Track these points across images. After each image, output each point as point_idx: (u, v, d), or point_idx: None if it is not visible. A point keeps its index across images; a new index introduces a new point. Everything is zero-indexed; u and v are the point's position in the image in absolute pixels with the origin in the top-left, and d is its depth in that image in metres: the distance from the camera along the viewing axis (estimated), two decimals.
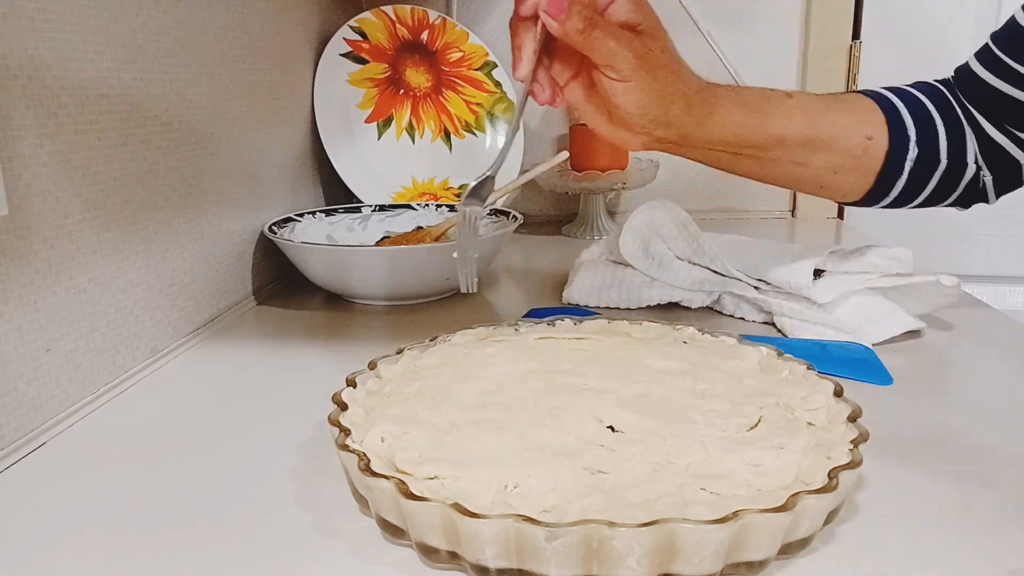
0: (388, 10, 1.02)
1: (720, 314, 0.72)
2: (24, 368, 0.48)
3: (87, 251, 0.53)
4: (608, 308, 0.74)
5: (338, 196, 1.04)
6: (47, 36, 0.49)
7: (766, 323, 0.69)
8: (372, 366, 0.49)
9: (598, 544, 0.32)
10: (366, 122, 1.05)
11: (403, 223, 0.91)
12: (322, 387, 0.49)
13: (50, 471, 0.46)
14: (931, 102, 0.63)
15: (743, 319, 0.70)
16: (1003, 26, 0.60)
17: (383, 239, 0.89)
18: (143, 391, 0.57)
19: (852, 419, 0.41)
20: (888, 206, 0.65)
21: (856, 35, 1.18)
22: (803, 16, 1.18)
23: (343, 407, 0.43)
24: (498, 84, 1.06)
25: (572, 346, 0.53)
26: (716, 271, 0.73)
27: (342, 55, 1.02)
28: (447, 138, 1.08)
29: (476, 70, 1.06)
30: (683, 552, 0.32)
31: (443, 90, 1.07)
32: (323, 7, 1.01)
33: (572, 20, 0.47)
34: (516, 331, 0.56)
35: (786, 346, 0.52)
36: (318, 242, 0.83)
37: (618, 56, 0.49)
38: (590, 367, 0.49)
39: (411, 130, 1.08)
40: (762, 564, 0.34)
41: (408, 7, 1.02)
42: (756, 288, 0.70)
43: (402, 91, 1.07)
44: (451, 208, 0.92)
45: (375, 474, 0.35)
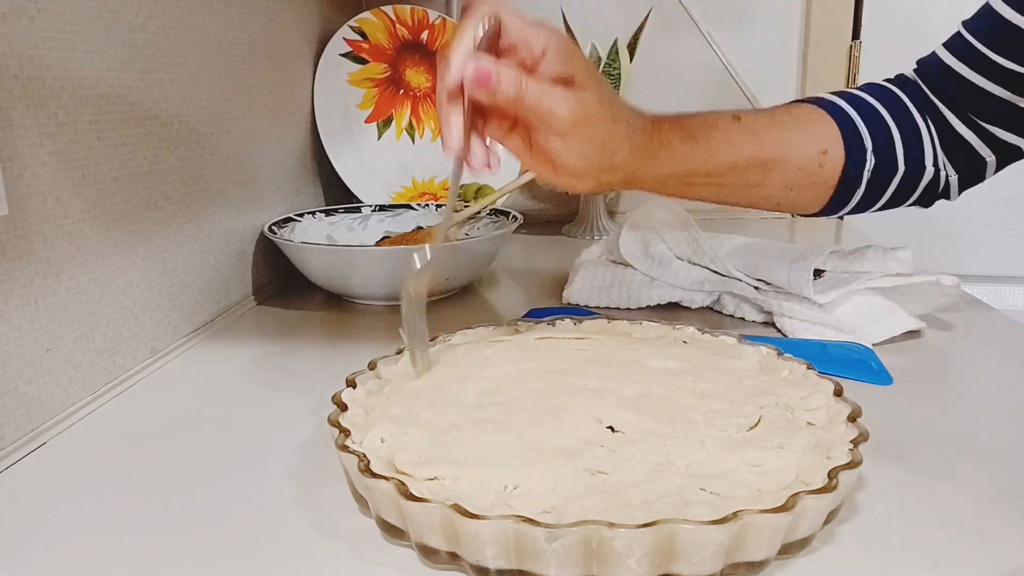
0: (388, 10, 1.02)
1: (720, 314, 0.72)
2: (24, 368, 0.48)
3: (87, 251, 0.53)
4: (608, 308, 0.74)
5: (338, 196, 1.04)
6: (47, 36, 0.49)
7: (766, 323, 0.69)
8: (372, 366, 0.49)
9: (598, 545, 0.32)
10: (366, 122, 1.05)
11: (403, 223, 0.91)
12: (322, 387, 0.49)
13: (50, 471, 0.46)
14: (884, 107, 0.62)
15: (743, 319, 0.70)
16: (977, 15, 0.59)
17: (383, 239, 0.89)
18: (143, 391, 0.57)
19: (852, 419, 0.41)
20: (848, 213, 0.65)
21: (856, 35, 1.18)
22: (803, 16, 1.18)
23: (343, 407, 0.43)
24: None
25: (572, 346, 0.53)
26: (716, 271, 0.73)
27: (342, 55, 1.02)
28: None
29: None
30: (683, 552, 0.32)
31: None
32: (323, 7, 1.01)
33: (502, 87, 0.45)
34: (516, 331, 0.56)
35: (786, 346, 0.52)
36: (318, 242, 0.83)
37: (553, 116, 0.47)
38: (590, 367, 0.49)
39: (411, 130, 1.08)
40: (762, 564, 0.34)
41: (408, 7, 1.02)
42: (756, 288, 0.70)
43: (402, 91, 1.07)
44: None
45: (375, 475, 0.35)
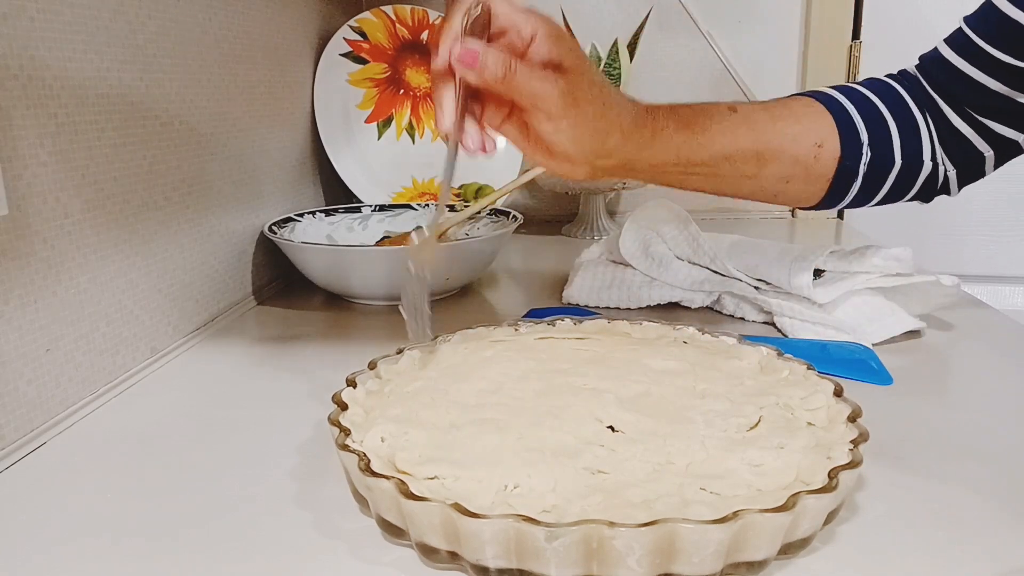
0: (388, 10, 1.02)
1: (720, 314, 0.72)
2: (24, 368, 0.48)
3: (87, 251, 0.53)
4: (608, 308, 0.74)
5: (338, 196, 1.04)
6: (47, 36, 0.49)
7: (766, 323, 0.69)
8: (372, 366, 0.49)
9: (598, 544, 0.32)
10: (366, 122, 1.05)
11: (403, 223, 0.91)
12: (322, 387, 0.49)
13: (50, 471, 0.46)
14: (882, 101, 0.62)
15: (743, 319, 0.70)
16: (979, 10, 0.59)
17: (383, 239, 0.89)
18: (143, 391, 0.57)
19: (852, 419, 0.41)
20: (846, 207, 0.65)
21: (856, 35, 1.18)
22: (803, 16, 1.18)
23: (343, 407, 0.43)
24: None
25: (572, 346, 0.53)
26: (716, 271, 0.73)
27: (342, 55, 1.02)
28: (447, 138, 1.08)
29: None
30: (683, 552, 0.32)
31: None
32: (323, 7, 1.01)
33: (489, 68, 0.46)
34: (516, 331, 0.56)
35: (786, 346, 0.52)
36: (318, 242, 0.83)
37: (543, 97, 0.48)
38: (590, 367, 0.49)
39: (411, 130, 1.08)
40: (762, 564, 0.34)
41: (408, 7, 1.02)
42: (756, 288, 0.70)
43: (402, 91, 1.07)
44: (451, 208, 0.92)
45: (375, 474, 0.35)
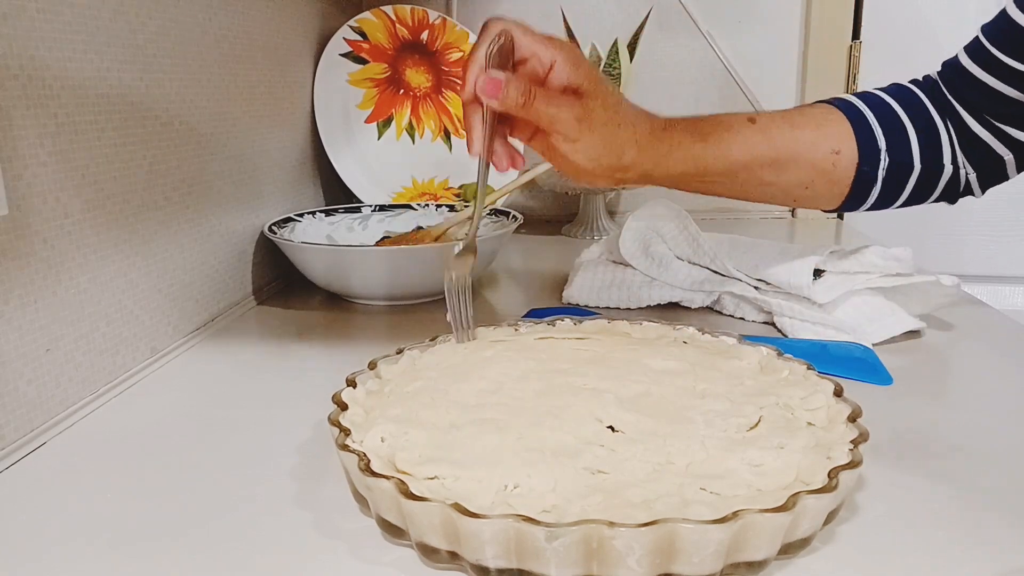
0: (388, 10, 1.02)
1: (720, 314, 0.72)
2: (24, 368, 0.48)
3: (87, 251, 0.53)
4: (608, 308, 0.74)
5: (338, 196, 1.04)
6: (47, 36, 0.49)
7: (766, 323, 0.69)
8: (372, 366, 0.49)
9: (598, 544, 0.32)
10: (366, 122, 1.05)
11: (403, 223, 0.91)
12: (322, 387, 0.49)
13: (50, 471, 0.46)
14: (900, 106, 0.63)
15: (743, 319, 0.70)
16: (994, 19, 0.60)
17: (383, 239, 0.89)
18: (143, 391, 0.57)
19: (852, 419, 0.41)
20: (868, 210, 0.66)
21: (856, 35, 1.18)
22: (803, 16, 1.19)
23: (343, 407, 0.43)
24: None
25: (572, 346, 0.53)
26: (716, 271, 0.73)
27: (342, 55, 1.02)
28: (447, 138, 1.08)
29: None
30: (683, 552, 0.32)
31: (443, 90, 1.07)
32: (323, 7, 1.01)
33: (510, 96, 0.50)
34: (516, 331, 0.56)
35: (786, 346, 0.52)
36: (318, 242, 0.83)
37: (560, 121, 0.52)
38: (590, 367, 0.49)
39: (411, 130, 1.08)
40: (762, 564, 0.34)
41: (408, 7, 1.02)
42: (756, 288, 0.70)
43: (402, 91, 1.07)
44: (451, 208, 0.92)
45: (375, 474, 0.35)
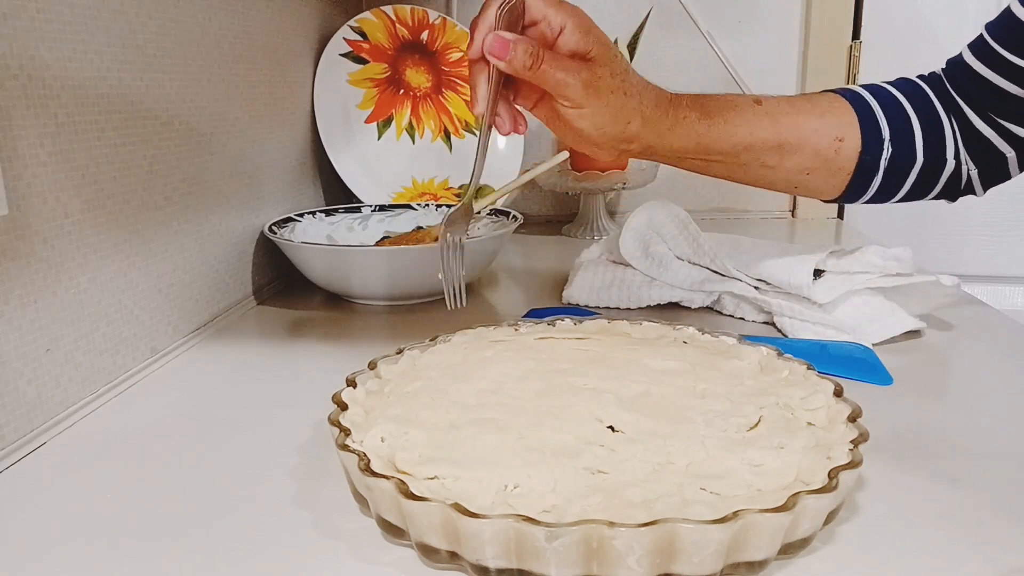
0: (388, 10, 1.02)
1: (720, 314, 0.72)
2: (24, 368, 0.48)
3: (87, 251, 0.53)
4: (608, 308, 0.74)
5: (338, 196, 1.04)
6: (47, 36, 0.49)
7: (766, 323, 0.69)
8: (372, 366, 0.49)
9: (598, 544, 0.32)
10: (366, 122, 1.05)
11: (403, 223, 0.91)
12: (322, 387, 0.49)
13: (50, 471, 0.46)
14: (906, 99, 0.63)
15: (743, 319, 0.70)
16: (998, 17, 0.60)
17: (383, 239, 0.89)
18: (143, 391, 0.57)
19: (852, 419, 0.41)
20: (868, 202, 0.66)
21: (856, 35, 1.18)
22: (803, 16, 1.19)
23: (343, 407, 0.43)
24: None
25: (572, 346, 0.53)
26: (716, 271, 0.73)
27: (342, 55, 1.02)
28: (447, 138, 1.08)
29: None
30: (683, 552, 0.32)
31: (443, 90, 1.07)
32: (323, 7, 1.01)
33: (518, 58, 0.49)
34: (516, 331, 0.56)
35: (786, 346, 0.52)
36: (318, 242, 0.82)
37: (567, 86, 0.51)
38: (590, 367, 0.49)
39: (411, 130, 1.08)
40: (762, 564, 0.34)
41: (408, 7, 1.02)
42: (756, 288, 0.70)
43: (402, 91, 1.07)
44: (451, 208, 0.92)
45: (375, 474, 0.35)
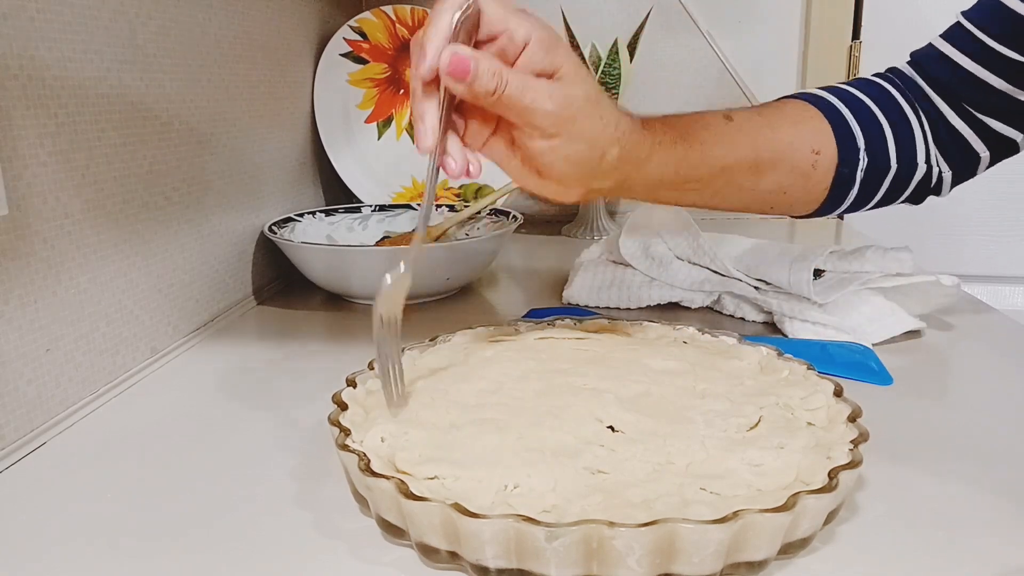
0: (388, 10, 1.02)
1: (720, 314, 0.72)
2: (24, 368, 0.48)
3: (87, 251, 0.53)
4: (608, 308, 0.74)
5: (338, 196, 1.04)
6: (47, 36, 0.49)
7: (766, 323, 0.69)
8: (372, 366, 0.49)
9: (598, 544, 0.32)
10: (366, 122, 1.05)
11: (403, 223, 0.91)
12: (322, 387, 0.49)
13: (50, 471, 0.46)
14: (875, 104, 0.61)
15: (743, 319, 0.70)
16: (976, 5, 0.59)
17: (383, 239, 0.89)
18: (143, 391, 0.57)
19: (852, 419, 0.41)
20: (840, 214, 0.64)
21: (856, 35, 1.18)
22: (803, 16, 1.19)
23: (343, 407, 0.43)
24: None
25: (572, 346, 0.53)
26: (716, 271, 0.73)
27: (342, 55, 1.02)
28: None
29: None
30: (683, 552, 0.32)
31: None
32: (323, 7, 1.01)
33: (479, 81, 0.41)
34: (516, 331, 0.56)
35: (786, 346, 0.52)
36: (318, 242, 0.82)
37: (537, 113, 0.43)
38: (590, 367, 0.49)
39: (411, 130, 1.08)
40: (762, 564, 0.34)
41: (408, 7, 1.02)
42: (756, 288, 0.70)
43: (402, 91, 1.07)
44: (451, 208, 0.92)
45: (375, 474, 0.35)
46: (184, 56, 0.65)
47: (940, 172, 0.62)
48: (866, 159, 0.60)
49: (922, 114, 0.62)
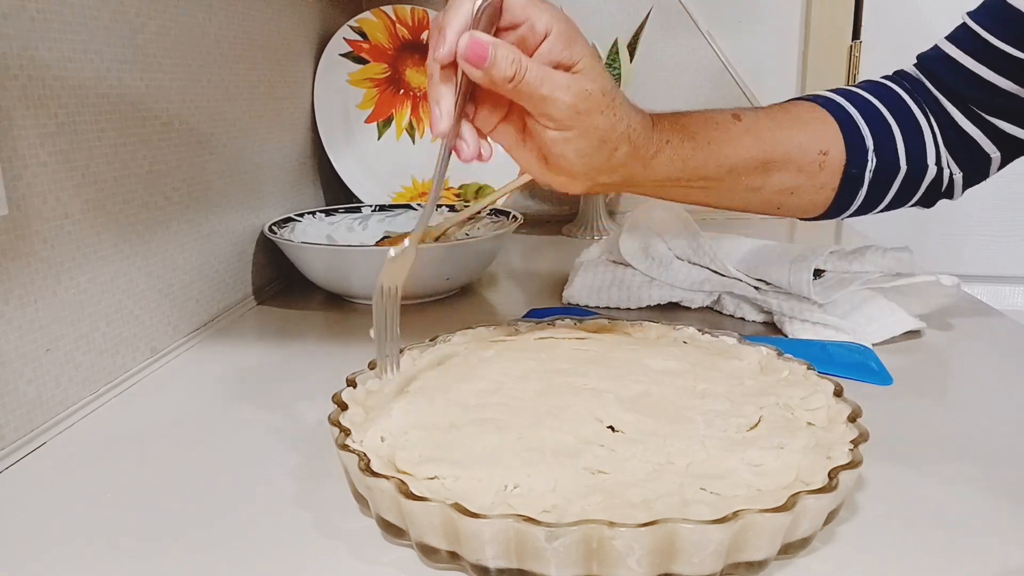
0: (388, 10, 1.02)
1: (720, 314, 0.72)
2: (24, 368, 0.48)
3: (87, 251, 0.53)
4: (608, 308, 0.74)
5: (338, 196, 1.04)
6: (47, 36, 0.49)
7: (766, 323, 0.69)
8: (372, 366, 0.49)
9: (598, 544, 0.32)
10: (366, 122, 1.05)
11: (403, 223, 0.91)
12: (322, 386, 0.49)
13: (50, 471, 0.46)
14: (884, 105, 0.61)
15: (743, 319, 0.70)
16: (981, 6, 0.58)
17: (383, 239, 0.89)
18: (143, 391, 0.57)
19: (852, 419, 0.41)
20: (850, 216, 0.64)
21: (856, 35, 1.18)
22: (803, 16, 1.19)
23: (343, 407, 0.43)
24: None
25: (572, 346, 0.53)
26: (716, 271, 0.73)
27: (342, 55, 1.02)
28: None
29: None
30: (683, 552, 0.32)
31: None
32: (323, 7, 1.01)
33: (498, 67, 0.41)
34: (516, 331, 0.56)
35: (786, 346, 0.52)
36: (318, 242, 0.82)
37: (554, 103, 0.43)
38: (590, 367, 0.49)
39: (411, 130, 1.08)
40: (762, 564, 0.34)
41: (408, 7, 1.02)
42: (756, 288, 0.70)
43: (402, 91, 1.07)
44: (451, 208, 0.92)
45: (375, 474, 0.35)
46: (184, 56, 0.65)
47: (951, 174, 0.62)
48: (875, 160, 0.59)
49: (931, 116, 0.61)
